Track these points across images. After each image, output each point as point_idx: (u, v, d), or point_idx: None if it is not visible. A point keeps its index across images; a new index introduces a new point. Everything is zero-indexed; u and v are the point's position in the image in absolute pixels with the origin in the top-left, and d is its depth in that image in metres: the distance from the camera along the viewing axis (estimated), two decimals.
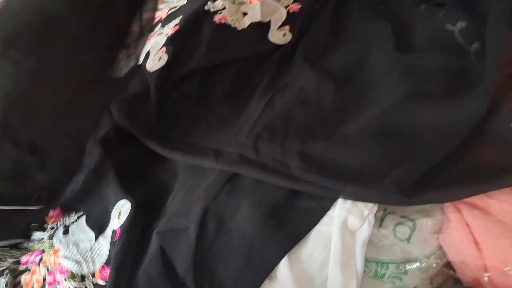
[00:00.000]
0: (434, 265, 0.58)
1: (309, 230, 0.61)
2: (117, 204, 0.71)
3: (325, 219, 0.61)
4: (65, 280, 0.65)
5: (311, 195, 0.63)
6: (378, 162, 0.62)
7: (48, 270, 0.67)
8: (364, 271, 0.58)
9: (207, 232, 0.63)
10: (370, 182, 0.60)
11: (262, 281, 0.58)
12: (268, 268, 0.58)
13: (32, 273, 0.67)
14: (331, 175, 0.62)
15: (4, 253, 0.71)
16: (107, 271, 0.64)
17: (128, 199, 0.71)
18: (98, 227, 0.70)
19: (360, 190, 0.59)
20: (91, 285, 0.64)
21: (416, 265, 0.59)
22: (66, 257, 0.67)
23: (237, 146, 0.70)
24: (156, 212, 0.70)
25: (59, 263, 0.67)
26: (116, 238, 0.66)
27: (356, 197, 0.60)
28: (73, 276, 0.65)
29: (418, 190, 0.58)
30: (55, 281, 0.65)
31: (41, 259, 0.69)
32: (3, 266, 0.69)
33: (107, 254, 0.67)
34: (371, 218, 0.59)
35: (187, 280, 0.60)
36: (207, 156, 0.69)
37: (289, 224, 0.61)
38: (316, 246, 0.60)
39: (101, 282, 0.63)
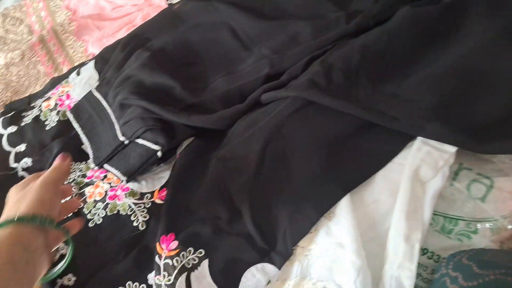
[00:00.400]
0: (509, 227, 0.54)
1: (374, 172, 0.58)
2: None
3: (395, 166, 0.58)
4: (125, 196, 0.66)
5: (379, 136, 0.60)
6: (456, 103, 0.58)
7: (110, 186, 0.69)
8: (431, 224, 0.55)
9: (266, 163, 0.61)
10: (447, 124, 0.56)
11: (319, 217, 0.56)
12: (326, 205, 0.57)
13: (96, 187, 0.69)
14: (406, 108, 0.58)
15: (72, 166, 0.74)
16: (165, 192, 0.65)
17: None
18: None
19: (439, 129, 0.56)
20: (149, 203, 0.66)
21: (488, 225, 0.55)
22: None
23: (309, 73, 0.67)
24: (217, 141, 0.69)
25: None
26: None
27: (434, 136, 0.56)
28: (133, 193, 0.67)
29: (495, 138, 0.54)
30: (115, 196, 0.66)
31: (105, 176, 0.71)
32: (70, 178, 0.72)
33: (167, 178, 0.68)
34: (446, 170, 0.55)
35: (243, 209, 0.59)
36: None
37: (353, 164, 0.59)
38: (382, 192, 0.57)
39: (159, 201, 0.65)
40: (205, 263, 0.57)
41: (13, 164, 0.76)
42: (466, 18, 0.65)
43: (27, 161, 0.76)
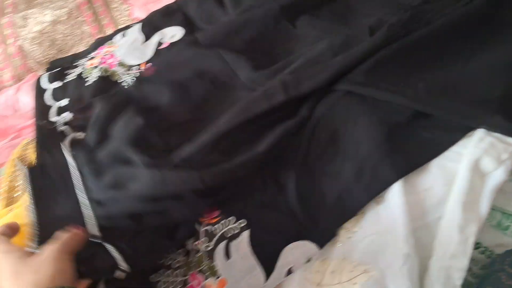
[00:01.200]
0: None
1: (430, 159, 0.55)
2: None
3: (452, 154, 0.55)
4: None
5: (438, 123, 0.57)
6: None
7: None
8: (487, 219, 0.52)
9: (318, 140, 0.59)
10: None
11: (369, 200, 0.54)
12: (378, 188, 0.54)
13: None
14: (466, 99, 0.56)
15: None
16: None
17: None
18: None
19: (503, 122, 0.53)
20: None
21: None
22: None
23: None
24: None
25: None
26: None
27: (497, 129, 0.53)
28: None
29: None
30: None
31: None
32: None
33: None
34: (509, 164, 0.52)
35: (289, 185, 0.57)
36: None
37: (409, 149, 0.56)
38: (437, 180, 0.54)
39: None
40: (246, 233, 0.56)
41: (53, 118, 0.76)
42: None
43: (66, 116, 0.76)
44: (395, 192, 0.53)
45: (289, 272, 0.54)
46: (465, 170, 0.52)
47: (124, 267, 0.52)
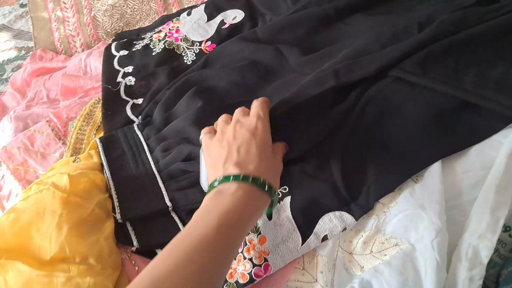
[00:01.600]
0: None
1: (471, 145, 0.59)
2: None
3: (492, 142, 0.58)
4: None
5: (482, 113, 0.60)
6: None
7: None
8: None
9: (364, 121, 0.63)
10: None
11: (408, 177, 0.58)
12: (417, 168, 0.58)
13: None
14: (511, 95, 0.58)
15: None
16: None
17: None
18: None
19: None
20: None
21: None
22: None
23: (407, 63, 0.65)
24: None
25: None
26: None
27: None
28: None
29: None
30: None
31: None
32: None
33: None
34: None
35: (335, 159, 0.62)
36: None
37: (452, 134, 0.60)
38: (475, 164, 0.57)
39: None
40: (287, 199, 0.60)
41: (118, 80, 0.85)
42: None
43: (131, 79, 0.84)
44: (434, 172, 0.57)
45: (324, 238, 0.58)
46: (503, 156, 0.55)
47: None
